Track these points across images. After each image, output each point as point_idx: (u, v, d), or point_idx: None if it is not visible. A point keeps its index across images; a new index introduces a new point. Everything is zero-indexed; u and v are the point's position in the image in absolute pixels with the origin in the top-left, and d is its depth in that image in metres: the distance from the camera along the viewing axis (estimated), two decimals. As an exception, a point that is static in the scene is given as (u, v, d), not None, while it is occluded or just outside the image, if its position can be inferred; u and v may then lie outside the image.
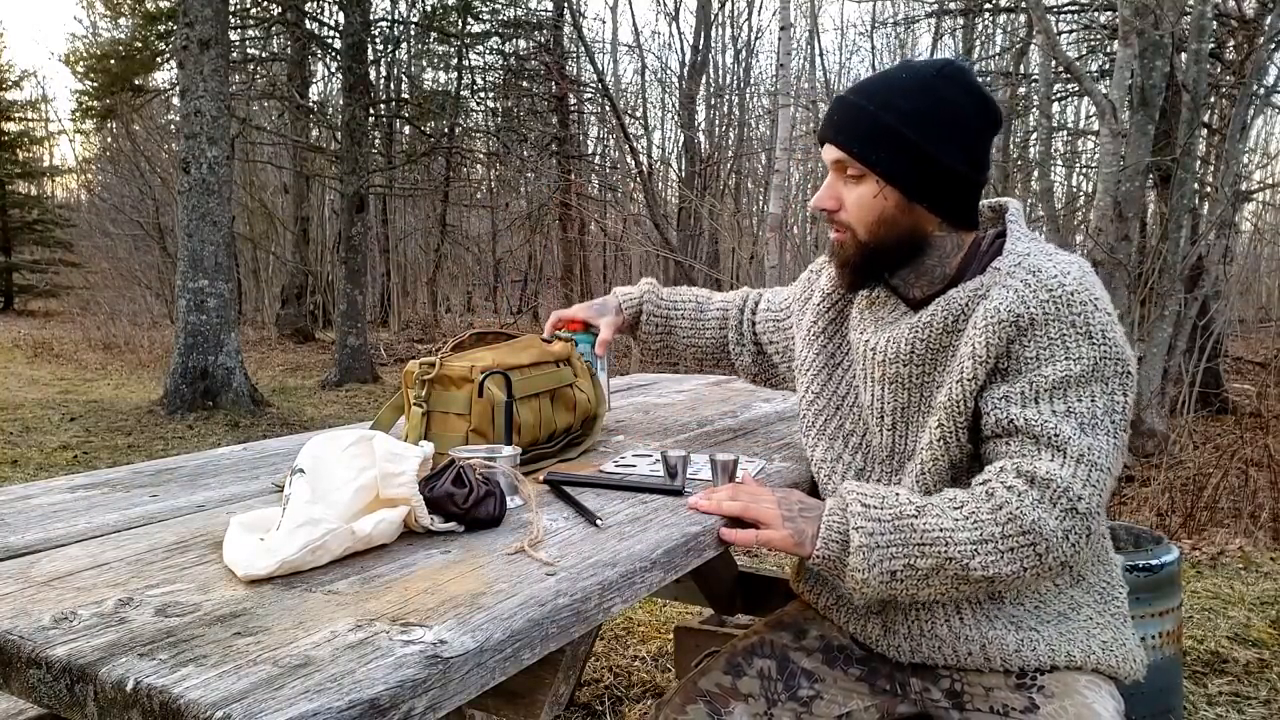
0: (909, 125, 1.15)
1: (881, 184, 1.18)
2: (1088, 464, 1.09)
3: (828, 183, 1.23)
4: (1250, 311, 14.11)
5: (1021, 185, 10.44)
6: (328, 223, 17.06)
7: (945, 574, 1.09)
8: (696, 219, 13.04)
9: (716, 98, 15.97)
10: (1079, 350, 1.11)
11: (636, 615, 2.95)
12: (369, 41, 11.75)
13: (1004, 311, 1.12)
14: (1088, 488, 1.08)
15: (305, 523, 0.92)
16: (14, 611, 0.80)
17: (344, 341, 10.02)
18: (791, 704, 1.30)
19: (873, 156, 1.17)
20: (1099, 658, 1.20)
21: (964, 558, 1.07)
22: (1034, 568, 1.08)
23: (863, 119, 1.18)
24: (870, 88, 1.20)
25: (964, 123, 1.18)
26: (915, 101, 1.16)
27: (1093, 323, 1.12)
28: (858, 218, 1.20)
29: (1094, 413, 1.11)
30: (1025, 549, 1.07)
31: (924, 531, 1.09)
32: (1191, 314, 5.55)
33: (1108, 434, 1.11)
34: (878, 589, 1.11)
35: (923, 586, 1.11)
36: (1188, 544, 3.77)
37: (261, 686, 0.66)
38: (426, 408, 1.32)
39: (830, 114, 1.23)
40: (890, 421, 1.27)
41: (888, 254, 1.22)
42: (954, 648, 1.23)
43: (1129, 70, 4.90)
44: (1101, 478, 1.10)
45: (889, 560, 1.09)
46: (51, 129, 24.35)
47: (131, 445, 6.16)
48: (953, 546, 1.08)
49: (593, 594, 0.89)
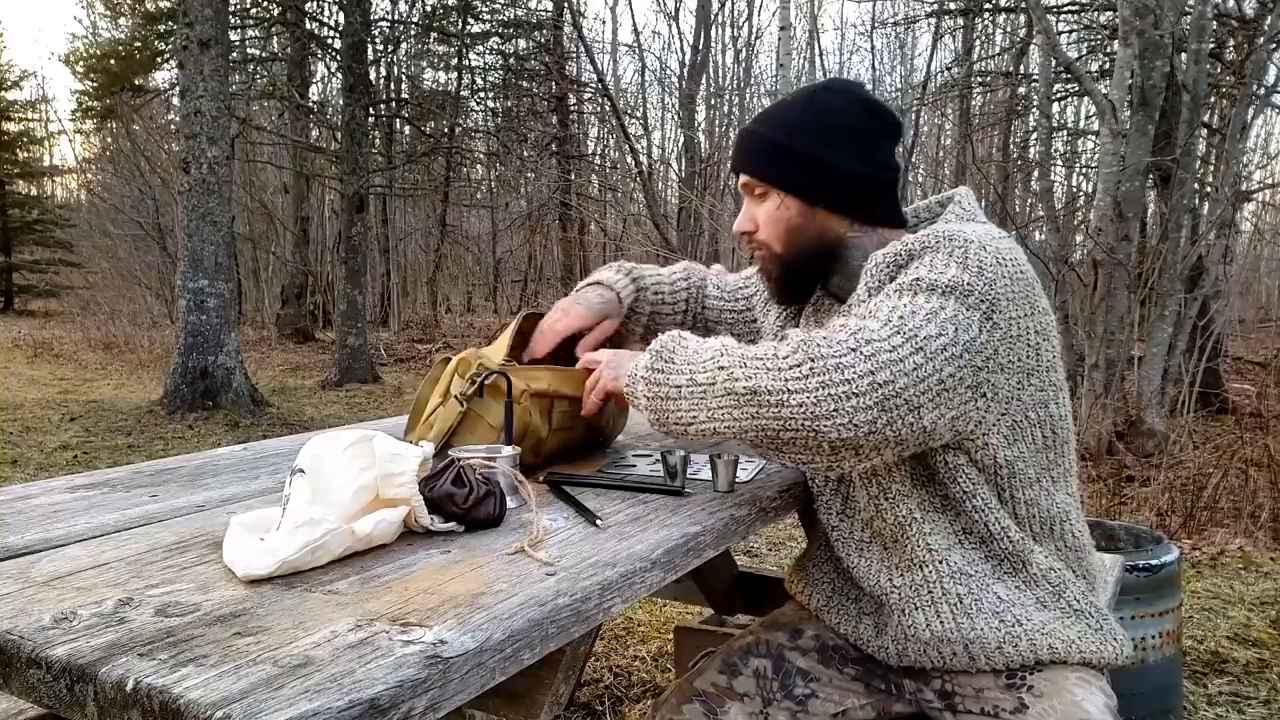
0: (796, 137, 1.24)
1: (781, 195, 1.26)
2: (901, 332, 1.01)
3: (744, 208, 1.31)
4: (1250, 311, 14.12)
5: (1021, 185, 10.44)
6: (328, 223, 17.07)
7: (717, 388, 1.07)
8: (696, 219, 13.04)
9: (716, 98, 15.98)
10: (942, 265, 1.08)
11: (636, 615, 2.95)
12: (369, 41, 11.75)
13: (889, 253, 1.17)
14: (888, 345, 1.01)
15: (305, 523, 0.92)
16: (14, 611, 0.80)
17: (344, 341, 10.02)
18: (787, 703, 1.31)
19: (769, 171, 1.26)
20: (1080, 647, 1.20)
21: (734, 366, 1.06)
22: (800, 390, 1.01)
23: (757, 141, 1.27)
24: (764, 114, 1.30)
25: (850, 127, 1.24)
26: (800, 115, 1.26)
27: (971, 256, 1.08)
28: (770, 233, 1.28)
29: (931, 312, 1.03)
30: (793, 369, 1.02)
31: (709, 348, 1.12)
32: (1191, 314, 5.55)
33: (942, 335, 1.02)
34: (663, 406, 1.13)
35: (699, 406, 1.09)
36: (1188, 544, 3.77)
37: (261, 686, 0.66)
38: (467, 407, 1.31)
39: (736, 145, 1.32)
40: None
41: (804, 261, 1.28)
42: (938, 650, 1.23)
43: (1129, 70, 4.90)
44: (914, 357, 1.00)
45: (675, 374, 1.12)
46: (51, 129, 24.41)
47: (131, 445, 6.16)
48: (726, 357, 1.08)
49: (593, 594, 0.89)
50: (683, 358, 1.13)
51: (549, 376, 1.35)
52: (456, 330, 14.92)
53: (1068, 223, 8.48)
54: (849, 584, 1.33)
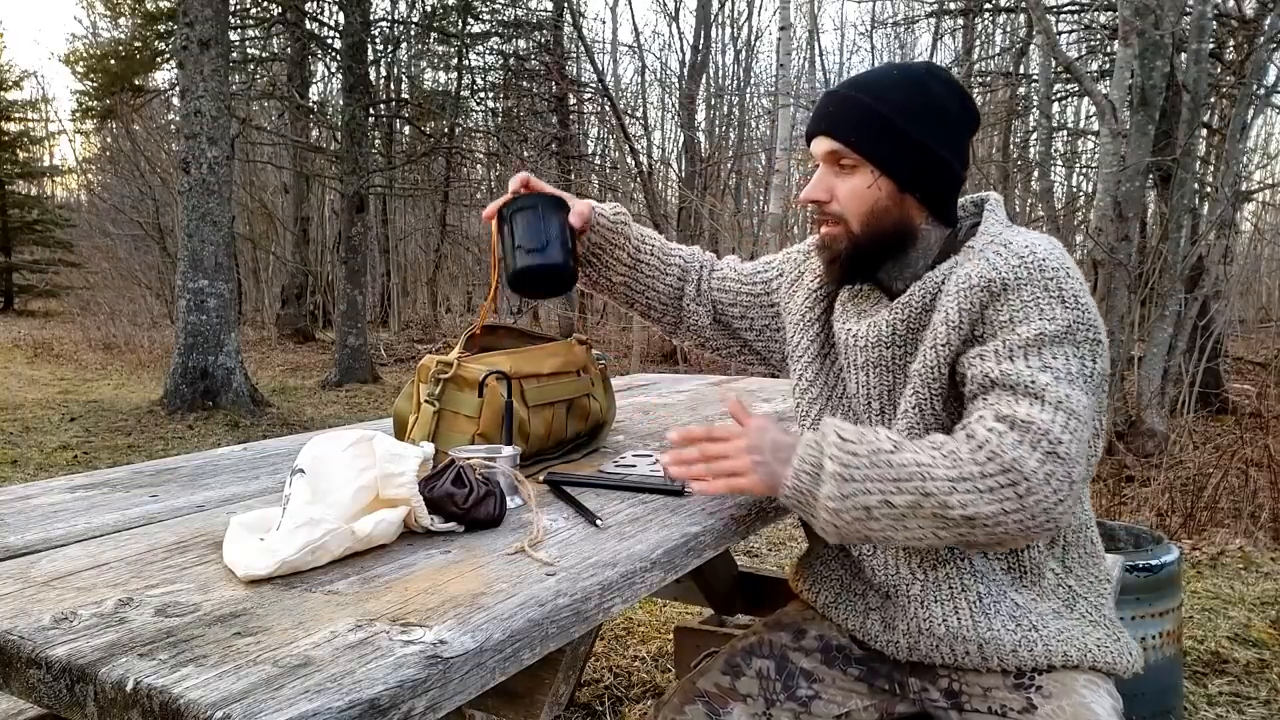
0: (903, 116, 1.18)
1: (876, 174, 1.19)
2: (1066, 411, 1.07)
3: (818, 175, 1.24)
4: (1250, 311, 14.11)
5: (1021, 185, 10.44)
6: (328, 223, 17.07)
7: (923, 512, 1.05)
8: (696, 219, 13.03)
9: (716, 98, 15.97)
10: (1052, 311, 1.11)
11: (636, 615, 2.95)
12: (369, 41, 11.75)
13: (975, 277, 1.14)
14: (1067, 433, 1.05)
15: (305, 523, 0.92)
16: (14, 611, 0.80)
17: (344, 341, 10.02)
18: (790, 704, 1.30)
19: (869, 146, 1.19)
20: (1095, 655, 1.20)
21: (941, 494, 1.04)
22: (1015, 511, 1.04)
23: (858, 110, 1.19)
24: (863, 82, 1.22)
25: (950, 119, 1.21)
26: (908, 95, 1.19)
27: (1065, 288, 1.12)
28: (852, 209, 1.21)
29: (1069, 369, 1.10)
30: (1005, 488, 1.04)
31: (901, 466, 1.06)
32: (1191, 314, 5.55)
33: (1085, 391, 1.09)
34: (852, 526, 1.08)
35: (899, 526, 1.07)
36: (1188, 544, 3.77)
37: (261, 686, 0.66)
38: (438, 406, 1.32)
39: (822, 107, 1.23)
40: (878, 406, 1.27)
41: (878, 245, 1.22)
42: (951, 647, 1.23)
43: (1129, 70, 4.90)
44: (1080, 427, 1.07)
45: (864, 495, 1.06)
46: (51, 129, 24.39)
47: (131, 445, 6.16)
48: (930, 482, 1.05)
49: (593, 594, 0.89)
50: (864, 473, 1.06)
51: (507, 360, 1.36)
52: (456, 330, 14.90)
53: (1068, 223, 8.48)
54: (857, 580, 1.33)
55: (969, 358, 1.14)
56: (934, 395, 1.18)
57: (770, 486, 1.12)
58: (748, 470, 1.12)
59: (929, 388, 1.18)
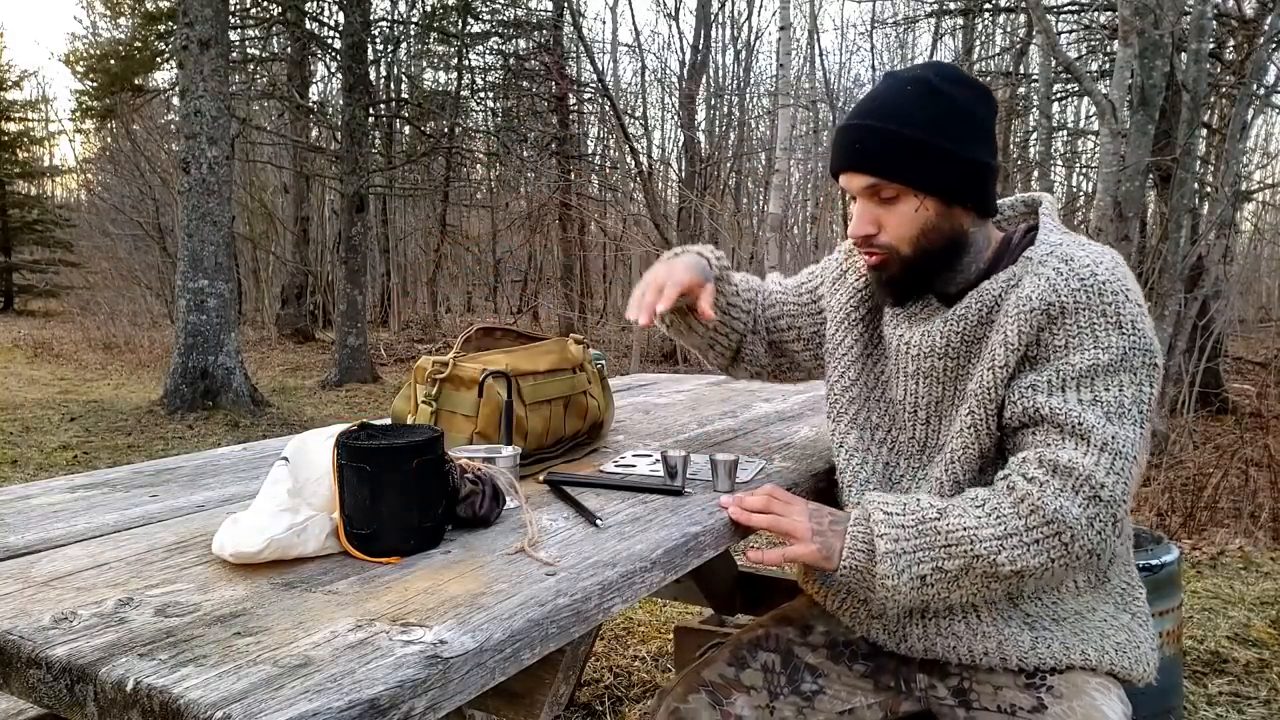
0: (932, 133, 1.15)
1: (921, 196, 1.18)
2: (1111, 452, 1.08)
3: (860, 209, 1.22)
4: (1250, 311, 14.11)
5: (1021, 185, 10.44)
6: (328, 223, 17.07)
7: (974, 573, 1.09)
8: (696, 219, 13.03)
9: (716, 98, 15.97)
10: (1108, 339, 1.11)
11: (636, 615, 2.95)
12: (369, 41, 11.75)
13: (1035, 299, 1.13)
14: (1111, 475, 1.07)
15: (287, 508, 0.93)
16: (14, 611, 0.80)
17: (344, 341, 10.02)
18: (794, 698, 1.30)
19: (907, 173, 1.16)
20: (1112, 659, 1.20)
21: (990, 554, 1.08)
22: (1061, 558, 1.08)
23: (885, 139, 1.17)
24: (879, 108, 1.18)
25: (975, 116, 1.19)
26: (929, 109, 1.16)
27: (1123, 313, 1.12)
28: (901, 235, 1.20)
29: (1121, 402, 1.10)
30: (1051, 539, 1.07)
31: (948, 532, 1.09)
32: (1191, 314, 5.55)
33: (1133, 423, 1.10)
34: (909, 595, 1.11)
35: (953, 588, 1.11)
36: (1188, 544, 3.77)
37: (261, 686, 0.66)
38: (435, 406, 1.32)
39: (847, 143, 1.20)
40: (924, 416, 1.26)
41: (933, 262, 1.21)
42: (970, 645, 1.22)
43: (1129, 70, 4.90)
44: (1126, 465, 1.08)
45: (916, 565, 1.10)
46: (51, 129, 24.39)
47: (131, 445, 6.16)
48: (978, 544, 1.08)
49: (593, 594, 0.89)
50: (914, 544, 1.10)
51: (503, 358, 1.37)
52: (456, 330, 14.90)
53: (1068, 223, 8.48)
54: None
55: (1020, 386, 1.14)
56: (989, 415, 1.17)
57: (825, 559, 1.14)
58: (805, 537, 1.15)
59: (984, 408, 1.17)
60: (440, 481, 1.00)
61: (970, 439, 1.19)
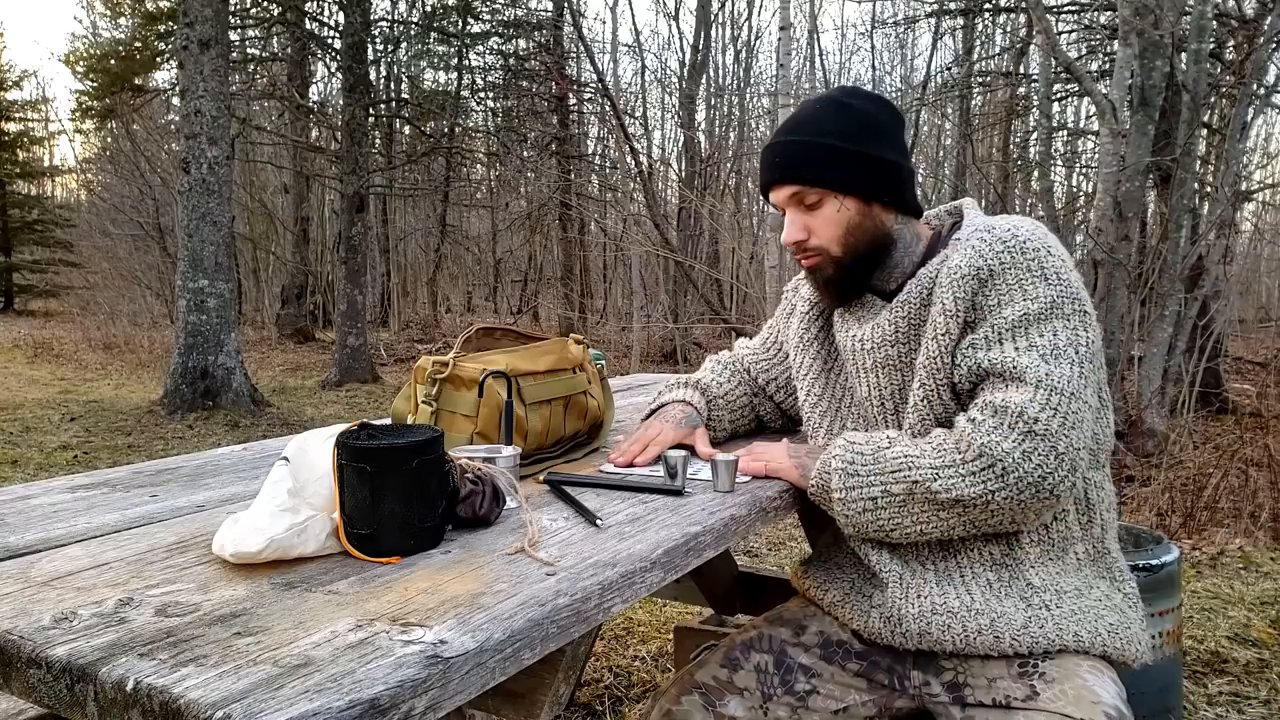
0: (843, 139, 1.28)
1: (841, 198, 1.29)
2: (1046, 388, 1.14)
3: (790, 219, 1.32)
4: (1250, 311, 14.12)
5: (1021, 185, 10.44)
6: (328, 223, 17.07)
7: (917, 499, 1.18)
8: (696, 219, 13.04)
9: (716, 98, 15.98)
10: (1036, 290, 1.18)
11: (636, 615, 2.95)
12: (369, 41, 11.75)
13: (965, 267, 1.21)
14: (1046, 410, 1.12)
15: (287, 508, 0.93)
16: (14, 611, 0.80)
17: (344, 341, 10.02)
18: (787, 698, 1.31)
19: (825, 177, 1.28)
20: (1105, 640, 1.22)
21: (927, 480, 1.16)
22: (1000, 489, 1.13)
23: (801, 150, 1.29)
24: (795, 126, 1.32)
25: (879, 122, 1.30)
26: (838, 120, 1.29)
27: (1047, 266, 1.19)
28: (829, 236, 1.30)
29: (1055, 345, 1.16)
30: (984, 471, 1.14)
31: (893, 459, 1.20)
32: (1191, 314, 5.55)
33: (1070, 362, 1.16)
34: (864, 517, 1.22)
35: (902, 514, 1.20)
36: (1188, 544, 3.78)
37: (261, 686, 0.66)
38: (436, 406, 1.32)
39: (768, 160, 1.33)
40: (891, 406, 1.33)
41: (863, 259, 1.32)
42: (964, 624, 1.23)
43: (1129, 70, 4.91)
44: (1063, 401, 1.13)
45: (867, 487, 1.21)
46: (51, 129, 24.40)
47: (131, 445, 6.16)
48: (915, 470, 1.18)
49: (593, 594, 0.89)
50: (868, 468, 1.21)
51: (503, 358, 1.37)
52: (456, 330, 14.91)
53: (1068, 223, 8.48)
54: (864, 578, 1.34)
55: (963, 349, 1.21)
56: (939, 385, 1.24)
57: (801, 476, 1.29)
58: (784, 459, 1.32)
59: (934, 378, 1.24)
60: (440, 481, 1.00)
61: (925, 411, 1.26)
